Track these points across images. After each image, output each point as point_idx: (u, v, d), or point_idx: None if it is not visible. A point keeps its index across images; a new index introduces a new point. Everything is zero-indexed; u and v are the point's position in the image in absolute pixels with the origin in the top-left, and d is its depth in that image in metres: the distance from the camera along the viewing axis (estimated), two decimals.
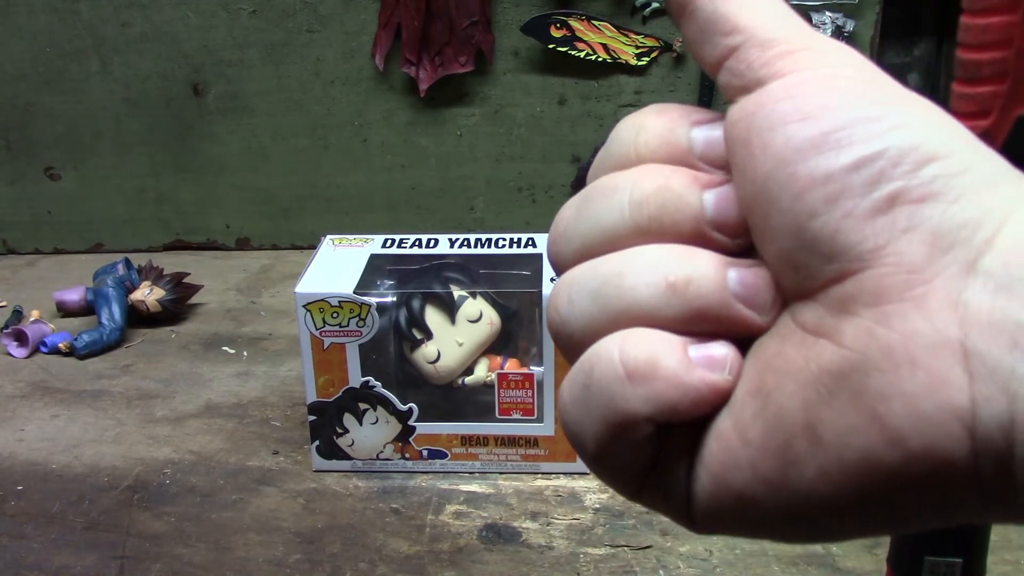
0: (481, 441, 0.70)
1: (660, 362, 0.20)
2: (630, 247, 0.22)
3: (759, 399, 0.20)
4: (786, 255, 0.19)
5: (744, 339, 0.21)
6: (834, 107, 0.19)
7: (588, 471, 0.70)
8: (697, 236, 0.21)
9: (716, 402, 0.20)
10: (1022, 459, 0.17)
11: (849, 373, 0.18)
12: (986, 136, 0.87)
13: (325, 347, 0.67)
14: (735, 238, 0.21)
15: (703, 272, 0.21)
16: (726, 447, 0.20)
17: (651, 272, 0.21)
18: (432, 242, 0.74)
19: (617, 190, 0.22)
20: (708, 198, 0.21)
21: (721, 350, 0.21)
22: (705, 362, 0.20)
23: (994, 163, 0.19)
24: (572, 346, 0.22)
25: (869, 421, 0.18)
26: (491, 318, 0.70)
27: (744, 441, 0.20)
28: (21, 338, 0.92)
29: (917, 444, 0.17)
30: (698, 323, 0.21)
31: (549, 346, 0.67)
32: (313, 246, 1.15)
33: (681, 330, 0.21)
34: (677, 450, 0.22)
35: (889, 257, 0.18)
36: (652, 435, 0.21)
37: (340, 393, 0.69)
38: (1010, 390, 0.17)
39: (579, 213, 0.23)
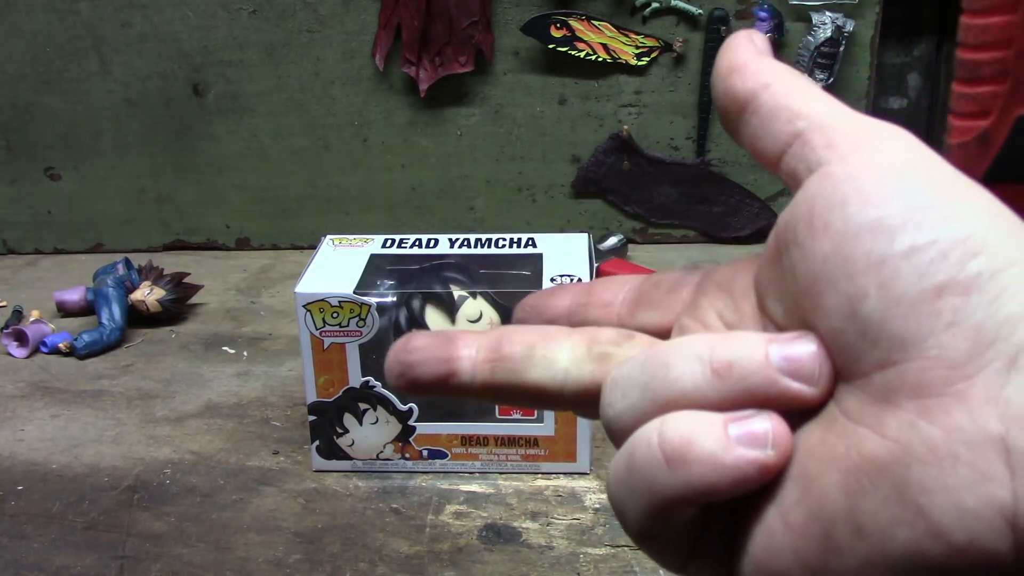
0: (481, 441, 0.70)
1: (696, 443, 0.20)
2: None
3: (802, 484, 0.20)
4: (835, 335, 0.20)
5: (800, 415, 0.21)
6: (891, 193, 0.19)
7: (588, 471, 0.71)
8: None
9: (760, 480, 0.20)
10: None
11: (891, 464, 0.18)
12: (986, 136, 0.87)
13: (325, 347, 0.67)
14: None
15: (745, 352, 0.21)
16: (768, 531, 0.20)
17: (695, 360, 0.21)
18: (432, 242, 0.74)
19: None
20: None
21: (763, 425, 0.20)
22: (746, 439, 0.20)
23: None
24: (624, 437, 0.23)
25: (913, 514, 0.18)
26: (491, 318, 0.70)
27: (786, 526, 0.20)
28: (21, 338, 0.92)
29: (961, 538, 0.17)
30: (747, 403, 0.21)
31: None
32: (313, 246, 1.14)
33: (730, 411, 0.21)
34: (721, 530, 0.22)
35: (932, 350, 0.18)
36: (696, 515, 0.22)
37: (340, 393, 0.69)
38: None
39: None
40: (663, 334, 0.27)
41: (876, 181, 0.20)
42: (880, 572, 0.19)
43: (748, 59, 0.23)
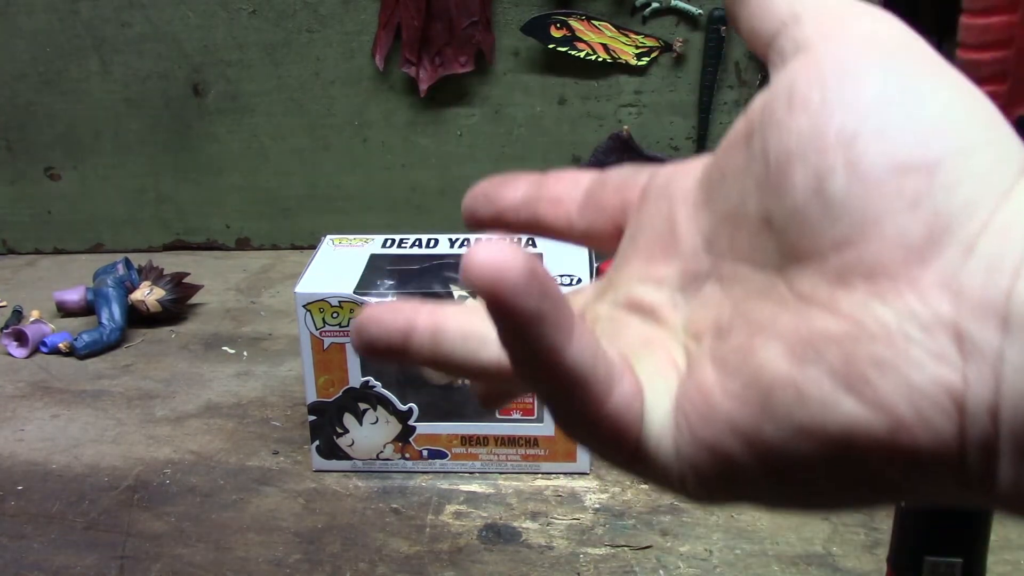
0: (481, 441, 0.70)
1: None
2: None
3: (744, 353, 0.20)
4: (799, 212, 0.20)
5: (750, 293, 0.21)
6: (869, 71, 0.20)
7: (588, 471, 0.71)
8: None
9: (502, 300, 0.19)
10: (1005, 444, 0.17)
11: (842, 338, 0.18)
12: None
13: (325, 347, 0.67)
14: None
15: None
16: (705, 398, 0.20)
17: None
18: (432, 242, 0.74)
19: None
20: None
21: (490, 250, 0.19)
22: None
23: (1006, 143, 0.19)
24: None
25: (860, 385, 0.18)
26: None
27: (724, 392, 0.20)
28: (21, 338, 0.92)
29: (906, 414, 0.18)
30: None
31: None
32: (313, 246, 1.15)
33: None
34: (660, 402, 0.22)
35: (889, 231, 0.18)
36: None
37: (340, 393, 0.69)
38: (997, 372, 0.17)
39: None
40: (610, 237, 0.28)
41: (857, 59, 0.20)
42: (815, 445, 0.19)
43: None
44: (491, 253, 0.19)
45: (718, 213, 0.23)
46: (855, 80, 0.20)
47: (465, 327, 0.24)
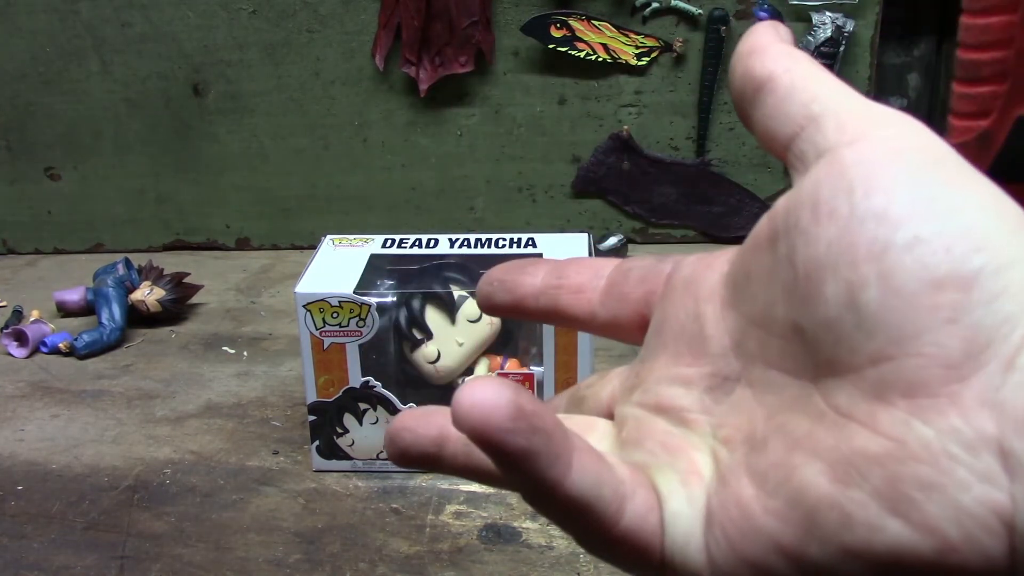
0: None
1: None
2: None
3: (784, 470, 0.20)
4: (832, 324, 0.19)
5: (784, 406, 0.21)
6: (898, 182, 0.19)
7: None
8: None
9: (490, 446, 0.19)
10: None
11: (884, 459, 0.18)
12: (986, 136, 0.87)
13: (325, 347, 0.67)
14: None
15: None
16: (745, 514, 0.20)
17: None
18: (432, 242, 0.74)
19: None
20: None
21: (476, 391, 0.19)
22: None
23: None
24: None
25: (906, 508, 0.18)
26: (491, 318, 0.70)
27: (766, 510, 0.20)
28: (21, 338, 0.92)
29: (954, 536, 0.17)
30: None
31: (549, 346, 0.67)
32: (313, 246, 1.15)
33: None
34: (682, 511, 0.22)
35: (927, 347, 0.18)
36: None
37: (340, 393, 0.69)
38: None
39: None
40: (634, 328, 0.27)
41: (884, 168, 0.19)
42: (862, 565, 0.18)
43: (769, 43, 0.23)
44: (477, 395, 0.19)
45: (746, 315, 0.23)
46: (883, 190, 0.19)
47: None
